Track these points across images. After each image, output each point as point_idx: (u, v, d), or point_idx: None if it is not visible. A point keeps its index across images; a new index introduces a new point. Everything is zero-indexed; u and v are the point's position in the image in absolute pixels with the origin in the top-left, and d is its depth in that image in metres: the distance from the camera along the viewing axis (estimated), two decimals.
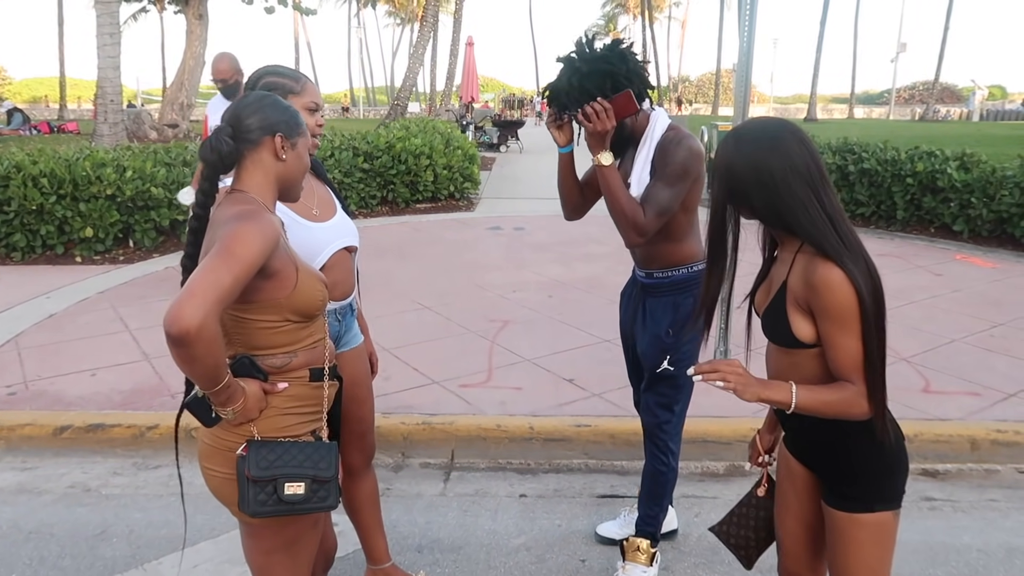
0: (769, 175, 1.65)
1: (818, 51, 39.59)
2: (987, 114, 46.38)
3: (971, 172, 8.65)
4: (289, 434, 1.79)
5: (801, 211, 1.64)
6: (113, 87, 13.55)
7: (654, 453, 2.81)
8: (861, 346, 1.61)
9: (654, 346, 2.70)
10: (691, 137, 2.51)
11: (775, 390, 1.67)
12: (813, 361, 1.71)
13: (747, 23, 4.18)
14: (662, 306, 2.69)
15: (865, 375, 1.63)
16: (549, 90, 2.52)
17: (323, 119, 2.32)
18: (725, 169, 1.71)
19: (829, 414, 1.67)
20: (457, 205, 11.29)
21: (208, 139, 1.73)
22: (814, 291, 1.62)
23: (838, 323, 1.61)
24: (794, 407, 1.66)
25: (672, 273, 2.66)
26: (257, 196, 1.76)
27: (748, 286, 1.97)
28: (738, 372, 1.66)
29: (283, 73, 2.24)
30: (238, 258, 1.56)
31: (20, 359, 4.84)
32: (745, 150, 1.69)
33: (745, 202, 1.72)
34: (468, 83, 26.15)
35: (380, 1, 64.64)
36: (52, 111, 37.29)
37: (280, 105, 1.78)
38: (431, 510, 3.39)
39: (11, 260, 7.45)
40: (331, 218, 2.30)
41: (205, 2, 19.83)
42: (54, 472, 3.70)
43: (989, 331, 5.35)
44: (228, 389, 1.65)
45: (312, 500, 1.76)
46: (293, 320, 1.76)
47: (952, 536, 3.18)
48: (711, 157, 11.59)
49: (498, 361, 4.79)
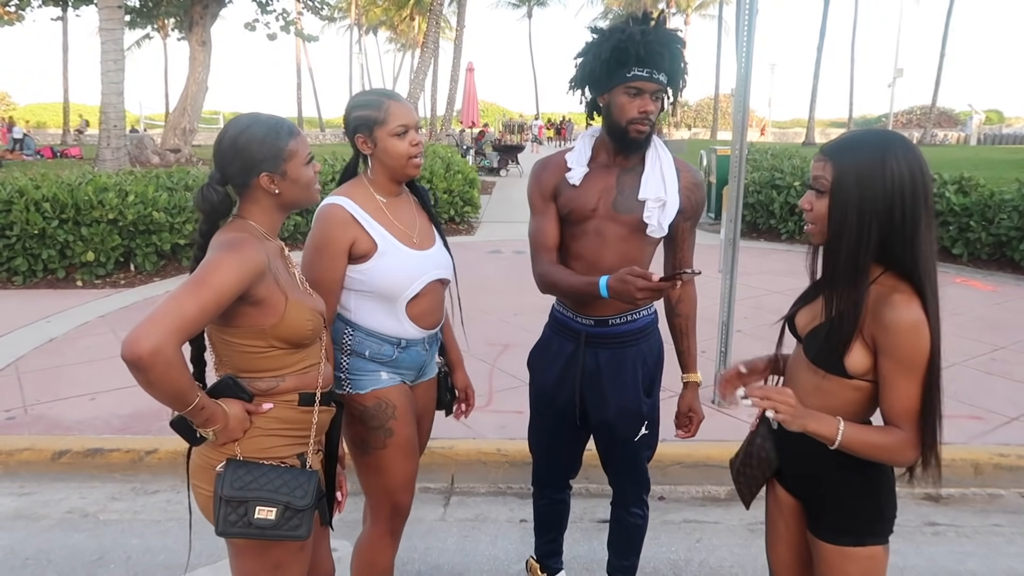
0: (924, 188, 1.50)
1: (815, 76, 39.94)
2: (984, 138, 46.69)
3: (969, 196, 8.71)
4: (272, 456, 1.77)
5: (923, 240, 1.51)
6: (116, 112, 13.68)
7: (631, 511, 2.53)
8: (919, 396, 1.54)
9: (625, 416, 2.33)
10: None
11: (822, 423, 1.59)
12: (846, 391, 1.63)
13: (745, 48, 4.22)
14: (626, 362, 2.31)
15: (919, 423, 1.56)
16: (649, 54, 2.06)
17: (419, 137, 2.18)
18: (867, 180, 1.51)
19: (870, 456, 1.60)
20: (457, 229, 11.34)
21: (200, 189, 1.77)
22: (887, 329, 1.52)
23: (905, 367, 1.53)
24: (839, 444, 1.58)
25: (634, 317, 2.30)
26: (258, 224, 1.79)
27: (747, 309, 1.96)
28: (790, 403, 1.58)
29: (364, 105, 2.13)
30: (209, 287, 1.58)
31: (20, 383, 4.83)
32: (900, 155, 1.51)
33: (886, 218, 1.51)
34: (468, 108, 26.38)
35: (381, 27, 65.29)
36: (55, 136, 37.54)
37: (255, 140, 1.73)
38: (431, 535, 3.36)
39: (12, 284, 7.46)
40: (429, 248, 2.26)
41: (208, 29, 20.07)
42: (52, 497, 3.68)
43: (990, 354, 5.34)
44: (204, 411, 1.65)
45: (283, 527, 1.72)
46: (279, 347, 1.76)
47: (957, 562, 3.15)
48: (711, 181, 11.67)
49: (498, 385, 4.78)
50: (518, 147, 23.25)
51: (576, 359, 2.33)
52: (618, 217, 2.21)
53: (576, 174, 2.25)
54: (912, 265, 1.53)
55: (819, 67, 39.86)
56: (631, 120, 2.13)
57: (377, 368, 2.19)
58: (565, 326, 2.39)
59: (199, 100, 20.26)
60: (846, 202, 1.53)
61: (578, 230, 2.26)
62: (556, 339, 2.42)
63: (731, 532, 3.39)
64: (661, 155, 2.25)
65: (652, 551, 3.15)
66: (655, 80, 2.09)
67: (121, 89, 13.68)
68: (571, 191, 2.25)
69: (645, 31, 2.09)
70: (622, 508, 2.56)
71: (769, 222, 10.54)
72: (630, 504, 2.53)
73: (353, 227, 2.09)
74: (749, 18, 4.20)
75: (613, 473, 2.52)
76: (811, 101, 40.13)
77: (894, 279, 1.55)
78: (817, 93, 39.80)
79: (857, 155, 1.52)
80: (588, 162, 2.28)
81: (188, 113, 19.90)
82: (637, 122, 2.13)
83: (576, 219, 2.25)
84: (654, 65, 2.08)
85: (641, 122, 2.13)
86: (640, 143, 2.18)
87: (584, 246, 2.26)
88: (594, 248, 2.24)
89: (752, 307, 6.09)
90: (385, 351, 2.19)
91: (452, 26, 32.97)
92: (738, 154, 4.36)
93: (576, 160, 2.28)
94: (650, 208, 2.18)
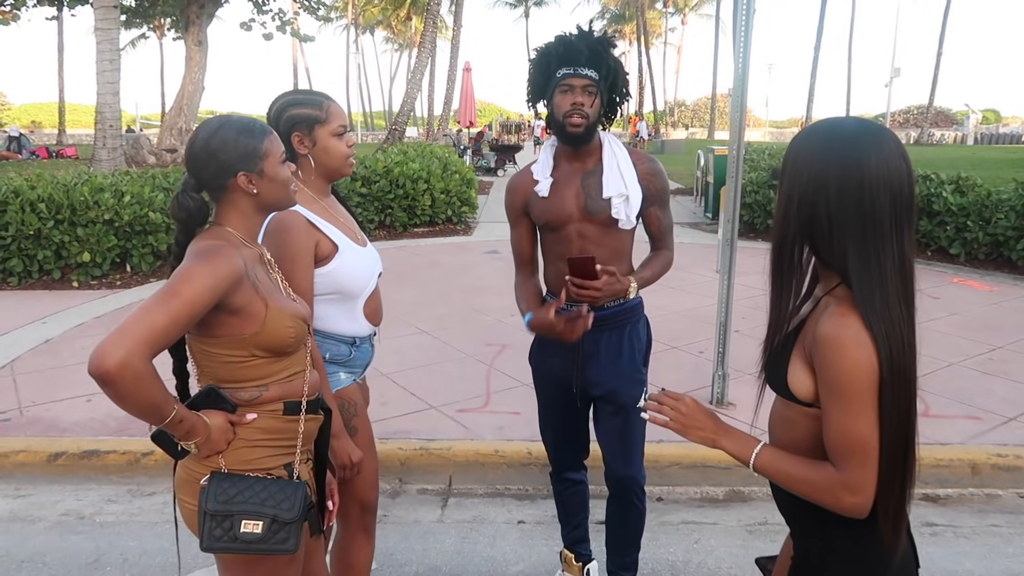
0: (857, 181, 1.28)
1: (813, 76, 40.04)
2: (981, 137, 46.70)
3: (967, 195, 8.71)
4: (258, 467, 1.73)
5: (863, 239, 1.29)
6: (112, 112, 13.65)
7: (629, 500, 2.60)
8: (861, 428, 1.27)
9: (626, 380, 2.47)
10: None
11: (736, 443, 1.45)
12: (806, 421, 1.39)
13: (742, 48, 4.22)
14: (623, 339, 2.48)
15: (856, 464, 1.29)
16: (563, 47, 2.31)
17: (352, 138, 2.25)
18: (803, 166, 1.35)
19: (793, 490, 1.39)
20: (455, 229, 11.32)
21: (175, 197, 1.71)
22: (815, 343, 1.31)
23: (832, 391, 1.29)
24: (752, 467, 1.42)
25: (623, 301, 2.42)
26: (236, 230, 1.73)
27: (745, 309, 1.94)
28: (681, 411, 1.47)
29: (305, 102, 2.14)
30: (180, 297, 1.54)
31: (15, 385, 4.81)
32: (836, 145, 1.32)
33: (809, 211, 1.34)
34: (466, 108, 26.34)
35: (378, 27, 65.27)
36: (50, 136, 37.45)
37: (228, 140, 1.68)
38: (429, 536, 3.36)
39: (8, 285, 7.44)
40: (367, 244, 2.32)
41: (204, 28, 20.04)
42: (48, 499, 3.67)
43: (988, 354, 5.34)
44: (183, 424, 1.60)
45: (270, 541, 1.68)
46: (261, 356, 1.72)
47: (954, 562, 3.15)
48: (709, 181, 11.63)
49: (496, 385, 4.77)
50: (515, 147, 23.25)
51: (575, 345, 2.40)
52: (592, 218, 2.38)
53: (543, 186, 2.42)
54: (841, 270, 1.32)
55: (816, 66, 39.97)
56: (565, 114, 2.30)
57: (336, 369, 2.24)
58: None
59: (195, 100, 20.24)
60: (781, 187, 1.40)
61: (561, 235, 2.44)
62: None
63: (729, 533, 3.39)
64: (616, 152, 2.41)
65: (650, 552, 3.15)
66: (580, 75, 2.28)
67: (117, 89, 13.64)
68: (542, 202, 2.43)
69: (564, 37, 2.33)
70: (620, 500, 2.61)
71: (767, 222, 10.54)
72: (629, 493, 2.58)
73: (313, 231, 2.10)
74: (746, 18, 4.19)
75: (616, 458, 2.55)
76: (808, 100, 40.25)
77: (847, 290, 1.32)
78: (814, 92, 39.97)
79: (804, 139, 1.38)
80: (552, 171, 2.44)
81: (184, 113, 19.88)
82: (570, 115, 2.29)
83: (555, 226, 2.43)
84: (576, 62, 2.28)
85: (573, 115, 2.29)
86: (578, 136, 2.32)
87: (569, 248, 2.41)
88: (579, 248, 2.40)
89: (750, 307, 6.08)
90: (342, 351, 2.23)
91: (449, 26, 32.91)
92: (735, 154, 4.36)
93: (541, 172, 2.45)
94: (615, 204, 2.35)
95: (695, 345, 5.46)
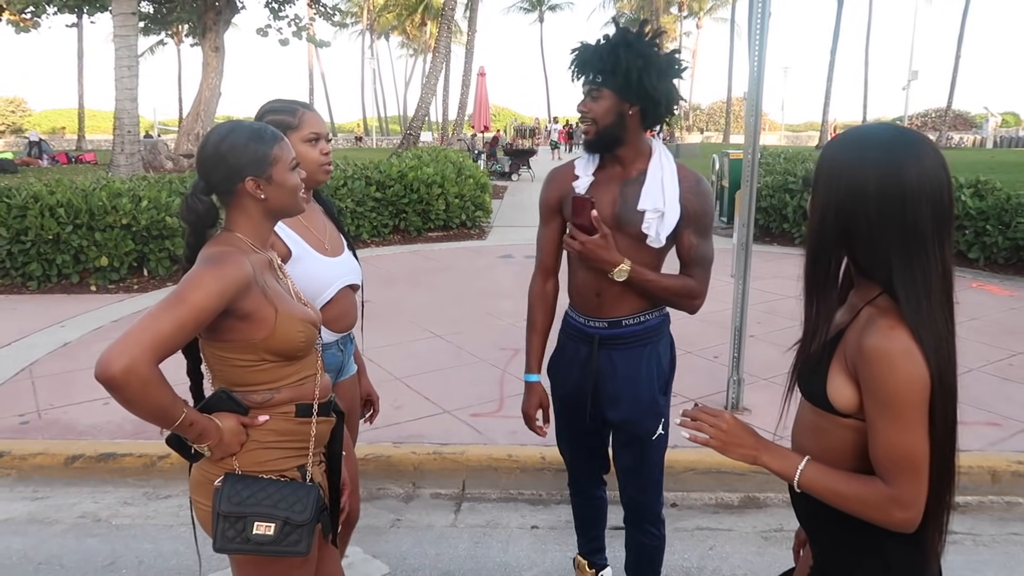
0: (898, 191, 1.25)
1: (829, 79, 39.74)
2: (1001, 141, 46.28)
3: (986, 199, 8.62)
4: (272, 469, 1.74)
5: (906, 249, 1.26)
6: (131, 118, 13.77)
7: (645, 529, 2.49)
8: (913, 443, 1.26)
9: (643, 411, 2.33)
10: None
11: (778, 458, 1.40)
12: (843, 432, 1.36)
13: (757, 51, 4.20)
14: (641, 360, 2.32)
15: (907, 479, 1.27)
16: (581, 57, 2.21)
17: (328, 146, 2.27)
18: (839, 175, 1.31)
19: (840, 507, 1.35)
20: (469, 233, 11.33)
21: (185, 200, 1.73)
22: (862, 357, 1.27)
23: (881, 405, 1.26)
24: (797, 484, 1.37)
25: (647, 318, 2.30)
26: (245, 235, 1.74)
27: (760, 314, 1.91)
28: (721, 427, 1.44)
29: (279, 110, 2.20)
30: (187, 303, 1.55)
31: (34, 388, 4.86)
32: (872, 154, 1.28)
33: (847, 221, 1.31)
34: (480, 113, 26.37)
35: (393, 32, 65.59)
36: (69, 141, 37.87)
37: (238, 145, 1.70)
38: (442, 541, 3.35)
39: (27, 289, 7.52)
40: (340, 255, 2.34)
41: (221, 35, 20.21)
42: (65, 502, 3.70)
43: (1008, 360, 5.28)
44: (194, 426, 1.62)
45: (282, 543, 1.68)
46: (272, 360, 1.73)
47: (974, 571, 3.11)
48: (724, 185, 11.58)
49: (509, 390, 4.76)
50: (530, 151, 23.25)
51: (591, 362, 2.34)
52: (623, 228, 2.23)
53: (582, 183, 2.28)
54: (883, 281, 1.30)
55: (833, 69, 39.68)
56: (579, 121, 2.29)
57: None
58: (579, 331, 2.41)
59: (212, 105, 20.39)
60: (816, 196, 1.36)
61: None
62: (571, 344, 2.46)
63: (744, 540, 3.36)
64: (664, 164, 2.26)
65: (665, 559, 3.12)
66: (590, 81, 2.22)
67: (135, 95, 13.78)
68: None
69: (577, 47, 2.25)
70: (637, 528, 2.51)
71: (782, 226, 10.48)
72: (645, 522, 2.48)
73: None
74: (761, 21, 4.17)
75: (629, 483, 2.47)
76: (824, 104, 39.94)
77: (890, 301, 1.30)
78: (831, 96, 39.60)
79: (839, 147, 1.34)
80: (595, 171, 2.31)
81: (202, 118, 20.03)
82: (581, 121, 2.26)
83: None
84: (582, 69, 2.23)
85: (580, 120, 2.26)
86: (591, 142, 2.27)
87: None
88: None
89: (765, 312, 6.05)
90: None
91: (464, 31, 33.04)
92: (751, 158, 4.34)
93: (583, 168, 2.32)
94: (648, 219, 2.20)
95: (710, 350, 5.42)
